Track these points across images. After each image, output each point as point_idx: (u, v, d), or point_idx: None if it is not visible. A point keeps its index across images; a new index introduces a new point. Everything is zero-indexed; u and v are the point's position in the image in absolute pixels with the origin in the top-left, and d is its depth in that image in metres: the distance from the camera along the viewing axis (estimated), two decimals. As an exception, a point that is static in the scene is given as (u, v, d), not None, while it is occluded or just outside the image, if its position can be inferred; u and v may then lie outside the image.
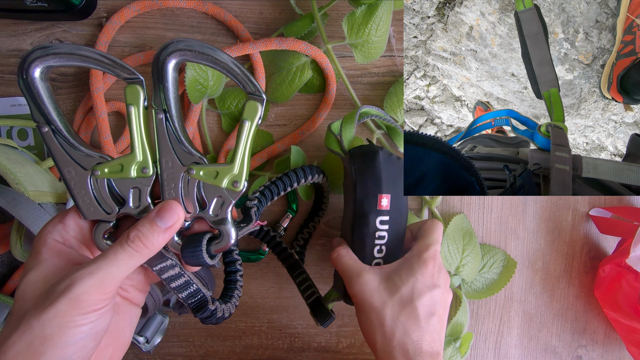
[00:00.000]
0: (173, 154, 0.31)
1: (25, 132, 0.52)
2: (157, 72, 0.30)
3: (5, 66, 0.52)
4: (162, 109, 0.31)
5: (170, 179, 0.32)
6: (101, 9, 0.51)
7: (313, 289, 0.47)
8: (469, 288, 0.54)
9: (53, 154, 0.31)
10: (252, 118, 0.31)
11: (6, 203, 0.40)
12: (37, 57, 0.29)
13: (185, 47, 0.29)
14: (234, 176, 0.32)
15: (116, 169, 0.31)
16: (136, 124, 0.31)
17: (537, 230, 0.56)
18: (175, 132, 0.31)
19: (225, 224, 0.32)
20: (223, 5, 0.52)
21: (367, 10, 0.46)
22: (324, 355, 0.56)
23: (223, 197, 0.32)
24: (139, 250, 0.29)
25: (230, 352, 0.55)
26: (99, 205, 0.32)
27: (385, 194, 0.41)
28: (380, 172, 0.41)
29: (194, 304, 0.34)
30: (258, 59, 0.50)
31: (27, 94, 0.29)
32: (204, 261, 0.32)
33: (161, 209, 0.31)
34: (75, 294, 0.27)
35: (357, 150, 0.42)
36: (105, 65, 0.30)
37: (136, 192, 0.32)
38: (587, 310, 0.57)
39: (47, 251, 0.30)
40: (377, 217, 0.41)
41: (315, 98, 0.53)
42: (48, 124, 0.30)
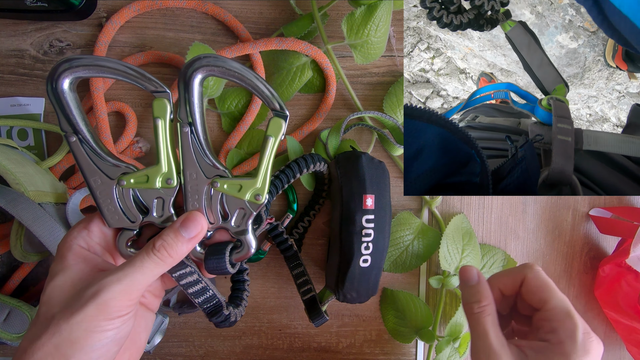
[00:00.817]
0: (197, 167, 0.32)
1: (25, 132, 0.52)
2: (183, 87, 0.30)
3: (5, 66, 0.52)
4: (187, 122, 0.31)
5: (194, 190, 0.32)
6: (101, 9, 0.51)
7: (310, 285, 0.47)
8: (469, 288, 0.54)
9: (80, 162, 0.31)
10: (276, 134, 0.32)
11: (6, 203, 0.40)
12: (66, 68, 0.29)
13: (212, 64, 0.30)
14: (257, 189, 0.33)
15: (142, 180, 0.32)
16: (162, 136, 0.31)
17: (537, 230, 0.56)
18: (200, 146, 0.32)
19: (246, 234, 0.34)
20: (223, 5, 0.52)
21: (367, 10, 0.46)
22: (324, 355, 0.56)
23: (245, 209, 0.33)
24: (164, 259, 0.30)
25: (230, 352, 0.55)
26: (123, 214, 0.32)
27: (370, 194, 0.44)
28: (363, 174, 0.44)
29: (209, 308, 0.35)
30: (258, 59, 0.50)
31: (56, 104, 0.30)
32: (226, 270, 0.33)
33: (185, 220, 0.31)
34: (103, 299, 0.27)
35: (341, 155, 0.46)
36: (133, 77, 0.30)
37: (160, 201, 0.33)
38: (587, 310, 0.57)
39: (73, 256, 0.31)
40: (362, 216, 0.44)
41: (315, 98, 0.53)
42: (76, 133, 0.31)
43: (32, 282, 0.52)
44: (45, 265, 0.52)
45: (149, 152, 0.52)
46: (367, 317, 0.55)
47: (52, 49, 0.52)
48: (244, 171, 0.50)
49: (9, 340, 0.44)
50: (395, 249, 0.52)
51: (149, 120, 0.52)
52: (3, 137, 0.51)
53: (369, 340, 0.56)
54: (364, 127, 0.52)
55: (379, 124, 0.53)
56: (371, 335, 0.55)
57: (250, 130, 0.52)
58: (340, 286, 0.45)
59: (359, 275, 0.45)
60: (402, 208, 0.54)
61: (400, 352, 0.56)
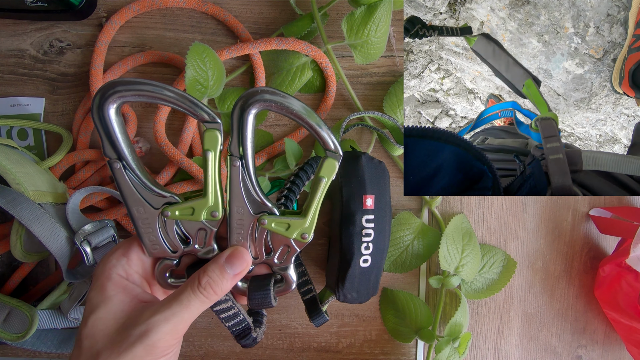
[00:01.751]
0: (245, 202, 0.31)
1: (25, 132, 0.52)
2: (237, 120, 0.29)
3: (5, 66, 0.52)
4: (239, 157, 0.30)
5: (240, 225, 0.32)
6: (101, 9, 0.51)
7: (310, 285, 0.47)
8: (469, 288, 0.54)
9: (122, 191, 0.30)
10: (329, 176, 0.31)
11: (6, 203, 0.40)
12: (114, 92, 0.28)
13: (273, 100, 0.29)
14: (305, 229, 0.32)
15: (187, 212, 0.31)
16: (212, 169, 0.31)
17: (537, 230, 0.56)
18: (250, 180, 0.31)
19: (288, 270, 0.33)
20: (223, 5, 0.52)
21: (367, 10, 0.46)
22: (324, 355, 0.56)
23: (290, 246, 0.33)
24: (209, 297, 0.30)
25: (230, 352, 0.55)
26: (165, 245, 0.32)
27: (370, 194, 0.44)
28: (363, 174, 0.44)
29: (238, 331, 0.35)
30: (258, 59, 0.50)
31: (102, 130, 0.29)
32: (271, 305, 0.33)
33: (231, 256, 0.31)
34: (152, 340, 0.27)
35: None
36: (184, 106, 0.29)
37: (202, 233, 0.32)
38: (587, 310, 0.57)
39: (112, 287, 0.30)
40: (363, 216, 0.44)
41: (315, 98, 0.53)
42: (120, 160, 0.30)
43: (32, 282, 0.52)
44: (45, 265, 0.52)
45: (149, 152, 0.52)
46: (367, 317, 0.55)
47: (52, 49, 0.52)
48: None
49: (9, 340, 0.44)
50: (395, 249, 0.52)
51: (148, 120, 0.52)
52: (3, 137, 0.51)
53: (369, 340, 0.56)
54: (364, 127, 0.52)
55: (379, 124, 0.53)
56: (371, 335, 0.55)
57: (250, 130, 0.52)
58: (341, 286, 0.45)
59: (359, 275, 0.45)
60: (402, 208, 0.54)
61: (400, 352, 0.56)
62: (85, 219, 0.45)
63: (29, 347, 0.46)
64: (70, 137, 0.50)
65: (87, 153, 0.49)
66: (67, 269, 0.44)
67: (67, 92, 0.52)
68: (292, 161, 0.48)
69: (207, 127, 0.30)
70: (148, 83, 0.28)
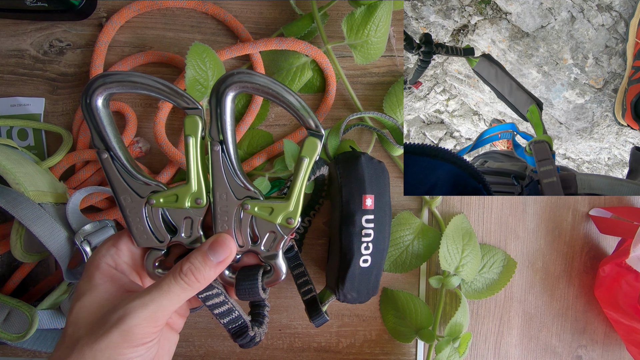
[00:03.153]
0: (228, 188, 0.31)
1: (25, 132, 0.52)
2: (215, 104, 0.29)
3: (5, 66, 0.52)
4: (218, 141, 0.30)
5: (224, 212, 0.31)
6: (101, 9, 0.51)
7: (310, 286, 0.47)
8: (469, 288, 0.54)
9: (111, 180, 0.31)
10: (311, 155, 0.31)
11: (6, 203, 0.40)
12: (100, 84, 0.29)
13: (245, 80, 0.29)
14: (289, 213, 0.32)
15: (171, 199, 0.31)
16: (193, 155, 0.30)
17: (537, 230, 0.56)
18: (231, 165, 0.31)
19: (276, 259, 0.33)
20: (223, 5, 0.52)
21: (367, 11, 0.46)
22: (324, 355, 0.56)
23: (276, 232, 0.32)
24: (191, 284, 0.29)
25: (230, 352, 0.55)
26: (152, 234, 0.32)
27: (369, 194, 0.44)
28: (363, 175, 0.44)
29: (234, 329, 0.34)
30: (258, 59, 0.50)
31: (90, 121, 0.29)
32: (259, 296, 0.32)
33: (214, 243, 0.31)
34: (128, 325, 0.27)
35: (341, 156, 0.46)
36: (165, 93, 0.30)
37: (188, 221, 0.32)
38: (587, 310, 0.57)
39: (100, 276, 0.30)
40: (362, 216, 0.44)
41: (315, 98, 0.53)
42: (107, 150, 0.30)
43: (32, 282, 0.52)
44: (45, 265, 0.52)
45: (149, 152, 0.52)
46: (367, 317, 0.55)
47: (52, 49, 0.52)
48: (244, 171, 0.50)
49: (9, 340, 0.44)
50: (395, 249, 0.52)
51: (148, 120, 0.52)
52: (3, 137, 0.51)
53: (369, 340, 0.56)
54: (363, 127, 0.52)
55: (379, 124, 0.53)
56: (371, 335, 0.55)
57: (250, 130, 0.52)
58: (341, 286, 0.45)
59: (359, 276, 0.45)
60: (402, 208, 0.54)
61: (400, 352, 0.56)
62: (85, 219, 0.45)
63: (29, 347, 0.46)
64: (70, 137, 0.50)
65: (87, 153, 0.49)
66: (67, 269, 0.44)
67: (67, 92, 0.52)
68: (291, 162, 0.48)
69: (188, 113, 0.30)
70: (128, 74, 0.29)
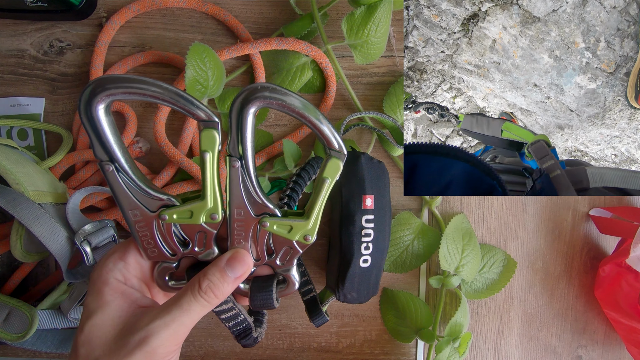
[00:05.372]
0: (245, 204, 0.30)
1: (25, 132, 0.52)
2: (236, 119, 0.28)
3: (5, 66, 0.52)
4: (238, 157, 0.29)
5: (241, 227, 0.31)
6: (101, 9, 0.51)
7: (310, 286, 0.47)
8: (469, 288, 0.54)
9: (116, 194, 0.29)
10: (333, 176, 0.30)
11: (6, 203, 0.40)
12: (102, 91, 0.26)
13: (276, 98, 0.27)
14: (307, 231, 0.31)
15: (185, 215, 0.30)
16: (210, 170, 0.29)
17: (537, 230, 0.56)
18: (250, 182, 0.30)
19: (290, 271, 0.33)
20: (223, 5, 0.52)
21: (367, 11, 0.46)
22: (324, 355, 0.56)
23: (292, 248, 0.32)
24: (210, 301, 0.29)
25: (230, 352, 0.55)
26: (163, 248, 0.31)
27: (369, 195, 0.44)
28: (363, 175, 0.44)
29: (239, 331, 0.34)
30: (258, 59, 0.50)
31: (91, 131, 0.27)
32: (273, 306, 0.32)
33: (231, 259, 0.30)
34: (152, 347, 0.27)
35: None
36: (179, 104, 0.27)
37: (202, 235, 0.31)
38: (587, 310, 0.57)
39: (110, 292, 0.29)
40: (362, 216, 0.44)
41: (315, 98, 0.53)
42: (112, 162, 0.28)
43: (32, 282, 0.52)
44: (45, 265, 0.52)
45: (149, 152, 0.52)
46: (367, 317, 0.55)
47: (52, 49, 0.52)
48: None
49: (9, 340, 0.44)
50: (395, 249, 0.52)
51: (149, 120, 0.52)
52: (3, 137, 0.51)
53: (369, 340, 0.56)
54: (364, 127, 0.52)
55: (379, 124, 0.53)
56: (371, 335, 0.55)
57: (250, 130, 0.52)
58: (341, 286, 0.45)
59: (359, 276, 0.45)
60: (402, 208, 0.54)
61: (400, 352, 0.56)
62: (85, 219, 0.45)
63: (29, 347, 0.46)
64: (70, 137, 0.50)
65: (87, 153, 0.49)
66: (67, 269, 0.44)
67: (67, 92, 0.52)
68: (291, 162, 0.48)
69: (204, 127, 0.28)
70: (140, 80, 0.27)
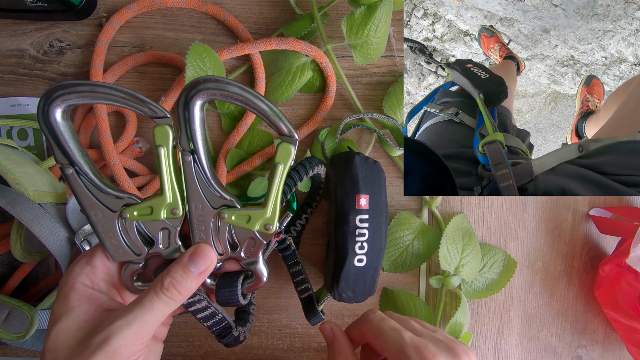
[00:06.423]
0: (202, 197, 0.30)
1: (25, 132, 0.52)
2: (183, 113, 0.28)
3: (5, 66, 0.52)
4: (189, 151, 0.29)
5: (201, 222, 0.31)
6: (101, 9, 0.51)
7: (307, 284, 0.48)
8: (469, 288, 0.54)
9: (78, 196, 0.30)
10: (285, 161, 0.30)
11: (6, 203, 0.40)
12: (57, 96, 0.27)
13: (215, 87, 0.28)
14: (266, 219, 0.31)
15: (146, 212, 0.30)
16: (166, 165, 0.30)
17: (537, 230, 0.56)
18: (204, 175, 0.30)
19: (257, 264, 0.33)
20: (223, 5, 0.52)
21: (366, 11, 0.46)
22: (324, 355, 0.56)
23: (255, 239, 0.32)
24: (173, 298, 0.29)
25: (230, 352, 0.55)
26: (128, 248, 0.31)
27: (363, 194, 0.44)
28: (357, 175, 0.44)
29: (218, 330, 0.34)
30: (258, 59, 0.50)
31: (50, 135, 0.28)
32: (238, 302, 0.32)
33: (193, 254, 0.30)
34: (113, 347, 0.26)
35: (336, 156, 0.47)
36: (130, 103, 0.28)
37: (165, 232, 0.31)
38: (587, 310, 0.57)
39: (76, 297, 0.29)
40: (356, 215, 0.44)
41: (315, 98, 0.53)
42: (72, 165, 0.29)
43: (32, 282, 0.52)
44: (45, 265, 0.52)
45: (149, 152, 0.52)
46: (367, 317, 0.55)
47: (52, 49, 0.52)
48: (244, 171, 0.50)
49: (9, 340, 0.44)
50: (395, 249, 0.52)
51: (148, 120, 0.52)
52: (3, 137, 0.51)
53: (369, 340, 0.56)
54: (363, 128, 0.52)
55: (379, 124, 0.53)
56: (371, 335, 0.55)
57: (250, 130, 0.52)
58: (335, 285, 0.45)
59: (354, 275, 0.45)
60: (402, 208, 0.54)
61: (400, 352, 0.56)
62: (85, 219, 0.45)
63: (29, 347, 0.46)
64: (70, 137, 0.50)
65: (87, 153, 0.49)
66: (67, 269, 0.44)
67: (67, 92, 0.52)
68: None
69: (157, 123, 0.29)
70: (88, 83, 0.28)
